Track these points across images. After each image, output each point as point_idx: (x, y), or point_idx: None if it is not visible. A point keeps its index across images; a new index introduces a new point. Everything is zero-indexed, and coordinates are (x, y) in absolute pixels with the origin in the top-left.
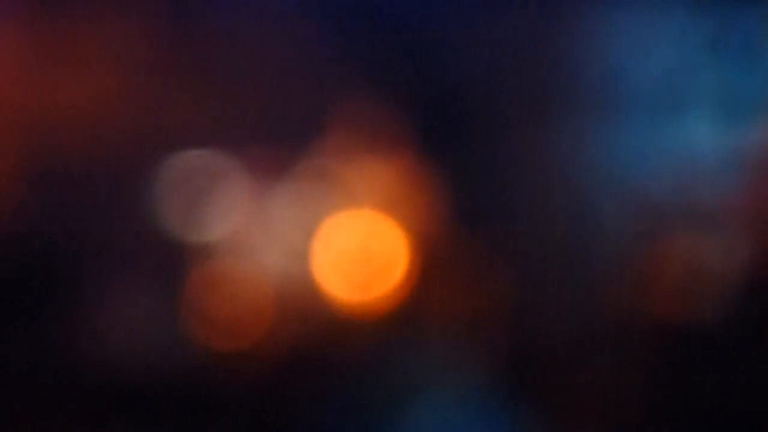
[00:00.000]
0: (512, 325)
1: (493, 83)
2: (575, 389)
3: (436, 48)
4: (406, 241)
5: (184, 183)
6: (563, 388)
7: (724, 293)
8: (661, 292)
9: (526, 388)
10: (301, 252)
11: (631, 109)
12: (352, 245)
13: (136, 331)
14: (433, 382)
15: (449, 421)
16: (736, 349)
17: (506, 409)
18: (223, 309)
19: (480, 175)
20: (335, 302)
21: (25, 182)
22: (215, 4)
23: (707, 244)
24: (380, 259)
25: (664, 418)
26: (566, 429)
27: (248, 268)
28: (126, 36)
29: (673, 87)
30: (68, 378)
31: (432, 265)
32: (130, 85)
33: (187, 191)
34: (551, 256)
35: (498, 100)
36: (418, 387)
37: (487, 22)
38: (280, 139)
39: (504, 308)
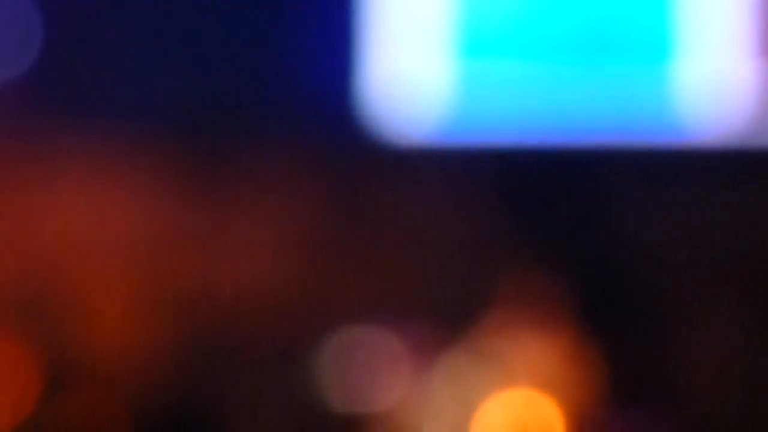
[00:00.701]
0: None
1: (663, 262)
2: None
3: (599, 225)
4: (566, 421)
5: (344, 359)
6: None
7: None
8: None
9: None
10: (461, 430)
11: None
12: (513, 425)
13: None
14: None
15: None
16: None
17: None
18: None
19: (643, 355)
20: None
21: (184, 355)
22: (375, 181)
23: None
24: None
25: None
26: None
27: None
28: (288, 210)
29: None
30: None
31: None
32: (290, 261)
33: (347, 367)
34: None
35: (664, 281)
36: None
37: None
38: (440, 316)
39: None
